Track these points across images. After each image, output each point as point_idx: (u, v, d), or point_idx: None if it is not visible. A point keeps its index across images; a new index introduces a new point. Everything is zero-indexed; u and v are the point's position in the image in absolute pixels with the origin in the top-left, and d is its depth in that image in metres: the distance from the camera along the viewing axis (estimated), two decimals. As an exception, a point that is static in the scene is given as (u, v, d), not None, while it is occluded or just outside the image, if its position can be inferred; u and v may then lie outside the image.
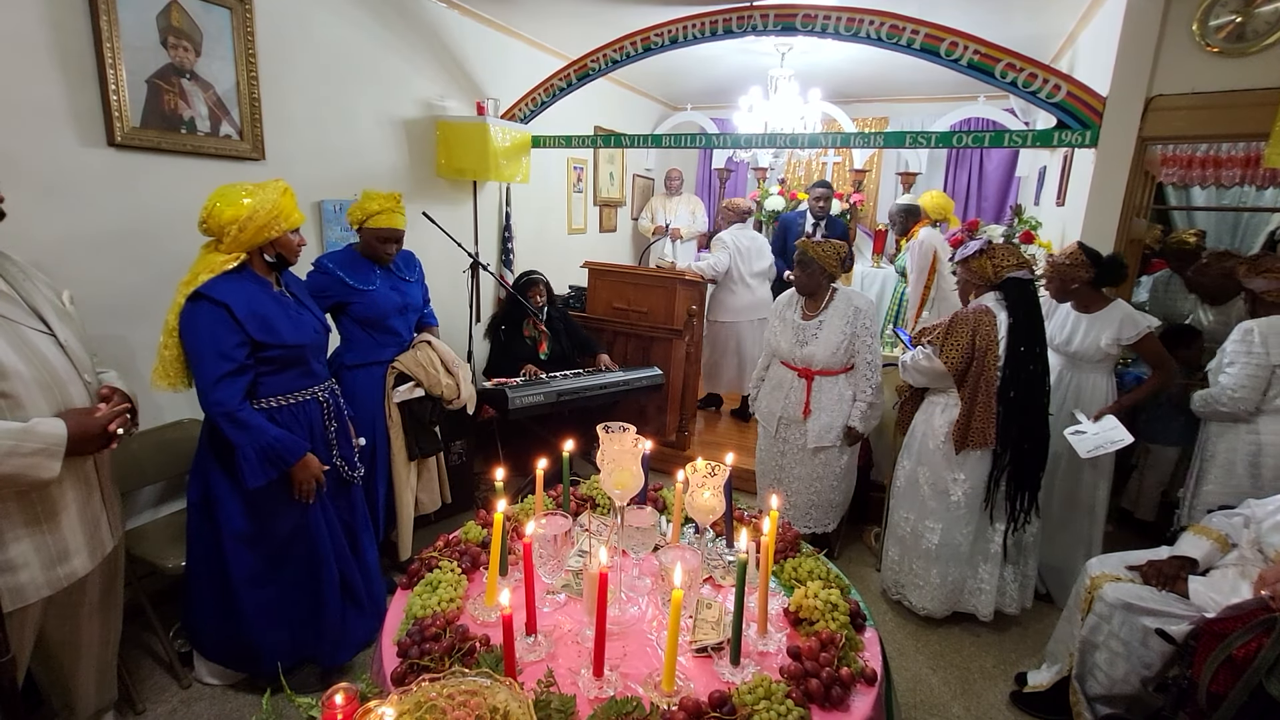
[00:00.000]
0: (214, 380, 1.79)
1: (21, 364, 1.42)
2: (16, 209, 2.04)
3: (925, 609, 2.64)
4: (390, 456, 2.60)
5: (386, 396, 2.56)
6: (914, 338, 2.66)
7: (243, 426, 1.83)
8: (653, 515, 1.50)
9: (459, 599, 1.43)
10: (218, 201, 1.82)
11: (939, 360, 2.45)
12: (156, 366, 1.86)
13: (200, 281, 1.79)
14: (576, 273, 4.60)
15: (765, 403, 2.98)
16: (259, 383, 1.91)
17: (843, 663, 1.27)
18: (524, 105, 4.00)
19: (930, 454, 2.55)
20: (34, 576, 1.49)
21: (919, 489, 2.60)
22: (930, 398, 2.62)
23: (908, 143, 3.37)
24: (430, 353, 2.65)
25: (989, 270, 2.44)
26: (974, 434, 2.41)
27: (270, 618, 2.03)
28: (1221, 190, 4.33)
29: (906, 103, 5.96)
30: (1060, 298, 2.71)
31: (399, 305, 2.60)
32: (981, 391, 2.40)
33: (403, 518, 2.66)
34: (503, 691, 0.96)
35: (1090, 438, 2.49)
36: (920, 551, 2.60)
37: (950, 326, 2.45)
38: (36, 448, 1.39)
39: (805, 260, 2.76)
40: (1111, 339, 2.56)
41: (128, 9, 2.25)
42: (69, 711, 1.83)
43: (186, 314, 1.80)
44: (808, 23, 3.09)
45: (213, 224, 1.82)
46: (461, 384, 2.70)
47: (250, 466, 1.84)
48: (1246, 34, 2.59)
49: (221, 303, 1.79)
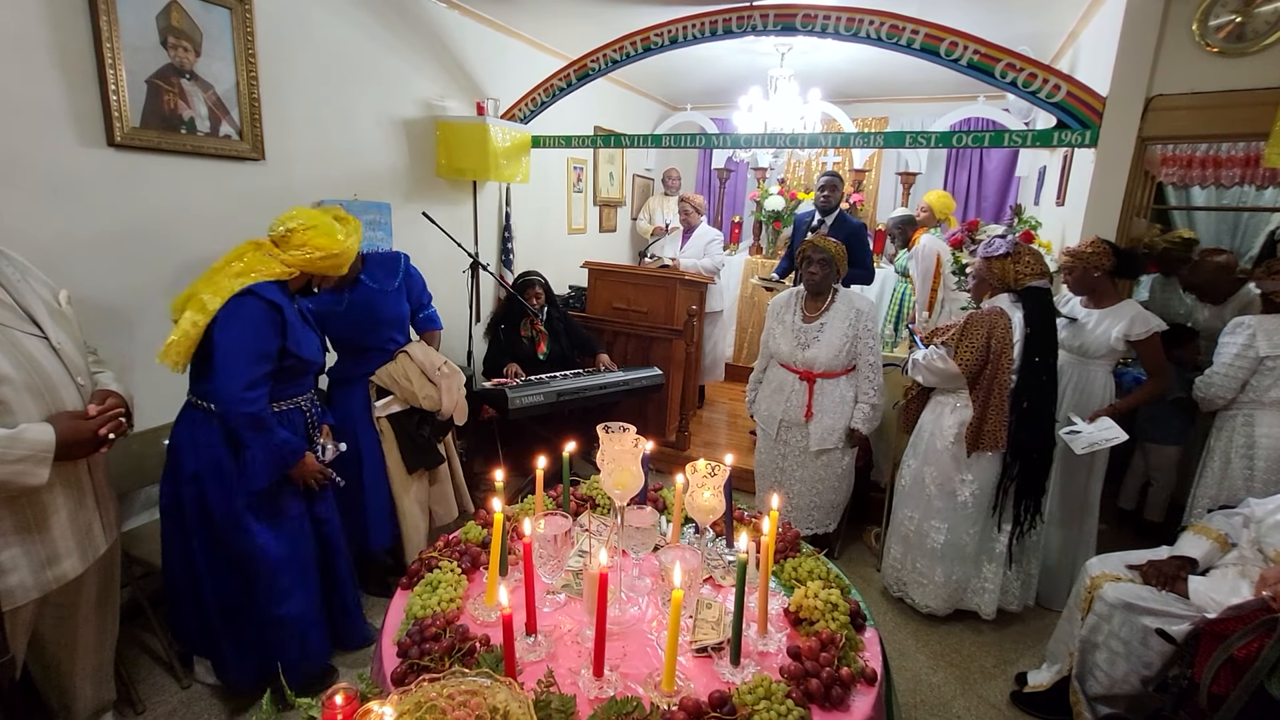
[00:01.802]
0: (247, 382, 1.80)
1: (11, 368, 1.41)
2: (16, 209, 2.06)
3: (928, 607, 2.64)
4: (388, 470, 2.55)
5: (371, 410, 2.53)
6: (926, 338, 2.63)
7: (263, 429, 1.84)
8: (653, 515, 1.50)
9: (459, 599, 1.43)
10: (313, 226, 1.91)
11: (953, 362, 2.42)
12: (174, 340, 1.80)
13: (254, 278, 1.83)
14: (576, 273, 4.61)
15: (765, 405, 2.95)
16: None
17: (843, 662, 1.27)
18: (524, 105, 4.00)
19: (938, 454, 2.54)
20: (23, 580, 1.48)
21: (925, 488, 2.60)
22: (938, 398, 2.61)
23: (907, 143, 3.37)
24: (407, 363, 2.52)
25: (1011, 275, 2.42)
26: (986, 436, 2.41)
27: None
28: (1221, 190, 4.33)
29: (906, 103, 5.96)
30: (1079, 289, 2.70)
31: (370, 321, 2.48)
32: (995, 394, 2.38)
33: (406, 529, 2.62)
34: (503, 691, 0.96)
35: (1084, 435, 2.49)
36: (925, 550, 2.60)
37: (965, 328, 2.42)
38: (23, 454, 1.38)
39: (825, 257, 2.69)
40: (1121, 334, 2.57)
41: (128, 9, 2.25)
42: (67, 712, 1.83)
43: (235, 306, 1.79)
44: (807, 23, 3.09)
45: (294, 239, 1.90)
46: (444, 394, 2.55)
47: (259, 467, 1.86)
48: (1246, 34, 2.59)
49: (278, 306, 1.83)
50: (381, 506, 2.57)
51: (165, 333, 1.86)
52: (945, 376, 2.50)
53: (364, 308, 2.47)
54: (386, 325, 2.55)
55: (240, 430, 1.83)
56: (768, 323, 2.97)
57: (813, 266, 2.72)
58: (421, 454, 2.62)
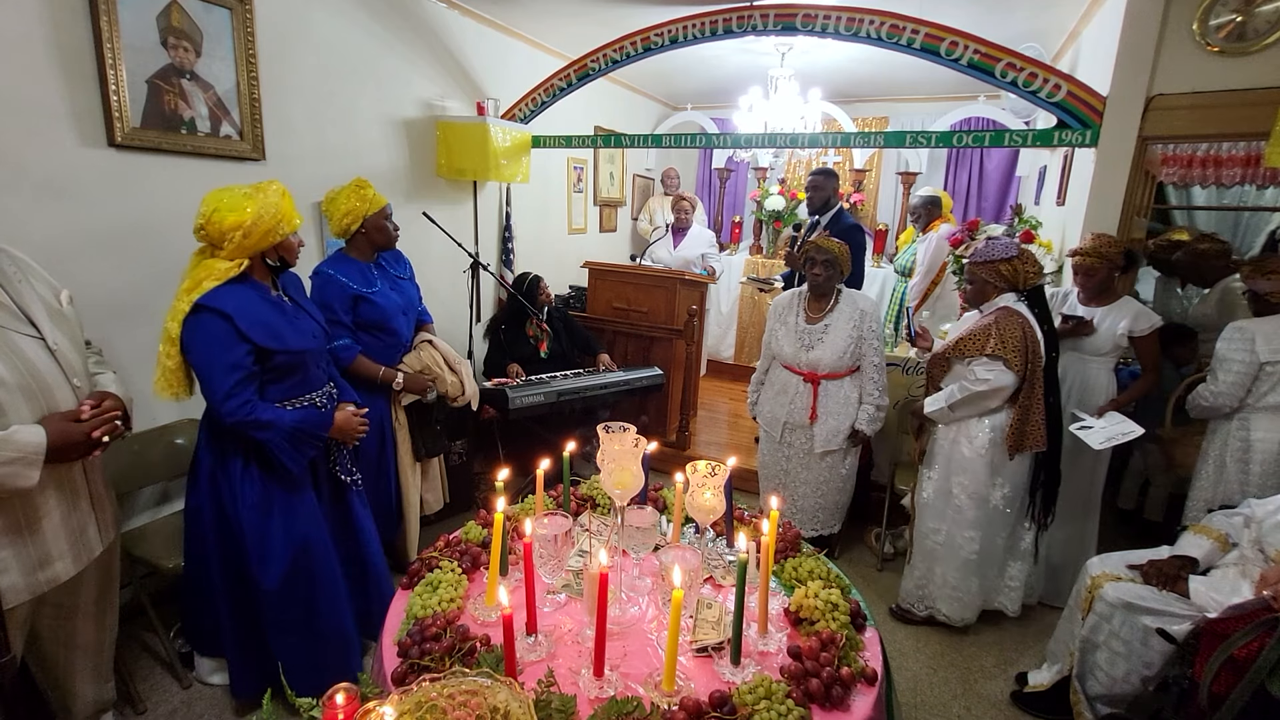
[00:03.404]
0: (226, 392, 1.76)
1: (5, 370, 1.41)
2: (17, 209, 2.06)
3: (963, 619, 2.56)
4: (398, 459, 2.60)
5: (393, 400, 2.56)
6: (948, 350, 2.46)
7: (264, 425, 1.82)
8: (653, 515, 1.50)
9: (459, 599, 1.43)
10: (217, 207, 1.75)
11: (1011, 371, 2.29)
12: (158, 378, 1.81)
13: (204, 289, 1.74)
14: (577, 272, 4.61)
15: (768, 408, 2.93)
16: (262, 390, 1.89)
17: (843, 662, 1.27)
18: (524, 105, 4.00)
19: (968, 462, 2.43)
20: (14, 581, 1.48)
21: (952, 499, 2.49)
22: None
23: (908, 142, 3.37)
24: (433, 352, 2.66)
25: (1021, 276, 2.37)
26: (1029, 437, 2.34)
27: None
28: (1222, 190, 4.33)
29: (907, 102, 5.96)
30: (1098, 289, 2.69)
31: (401, 305, 2.58)
32: (1035, 393, 2.32)
33: (410, 519, 2.66)
34: (503, 691, 0.96)
35: (1099, 431, 2.48)
36: (957, 562, 2.50)
37: (1001, 333, 2.30)
38: (13, 456, 1.37)
39: (828, 258, 2.65)
40: (1125, 329, 2.60)
41: (128, 9, 2.25)
42: (67, 711, 1.83)
43: (189, 327, 1.75)
44: (808, 22, 3.09)
45: (212, 230, 1.75)
46: (465, 380, 2.70)
47: (287, 454, 1.86)
48: (1247, 33, 2.59)
49: (225, 314, 1.74)
50: (393, 498, 2.61)
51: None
52: (999, 394, 2.34)
53: (394, 290, 2.58)
54: (411, 310, 2.66)
55: (248, 434, 1.82)
56: (769, 324, 2.94)
57: (816, 268, 2.69)
58: (432, 441, 2.70)
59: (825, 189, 3.78)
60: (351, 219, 2.40)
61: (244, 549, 1.90)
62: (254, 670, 2.02)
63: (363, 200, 2.40)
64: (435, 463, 2.84)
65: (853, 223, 3.80)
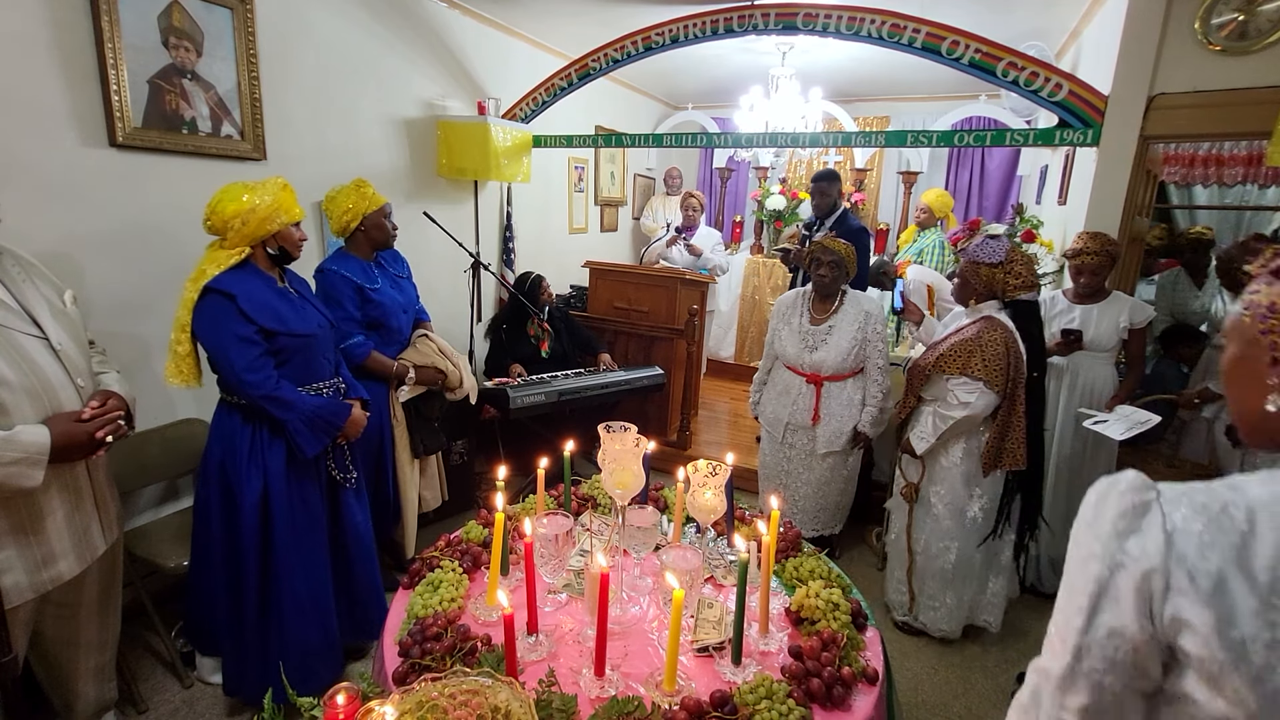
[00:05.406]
0: (245, 366, 1.82)
1: (9, 370, 1.41)
2: (18, 209, 2.06)
3: (941, 630, 2.53)
4: (396, 455, 2.60)
5: (391, 397, 2.56)
6: (928, 364, 2.40)
7: (285, 404, 1.88)
8: (654, 515, 1.50)
9: (460, 598, 1.43)
10: (220, 198, 1.86)
11: (992, 391, 2.23)
12: (169, 363, 1.87)
13: (209, 276, 1.82)
14: (578, 272, 4.61)
15: (770, 408, 2.92)
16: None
17: (844, 662, 1.27)
18: (525, 105, 4.00)
19: (945, 471, 2.41)
20: (17, 580, 1.48)
21: (930, 508, 2.47)
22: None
23: (909, 142, 3.36)
24: (430, 344, 2.69)
25: (999, 284, 2.28)
26: (1006, 455, 2.28)
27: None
28: (1224, 189, 4.33)
29: (908, 101, 5.95)
30: (1098, 286, 2.69)
31: (401, 303, 2.61)
32: (1015, 411, 2.25)
33: (408, 516, 2.66)
34: (504, 691, 0.96)
35: (1118, 423, 2.41)
36: (934, 571, 2.48)
37: (982, 350, 2.22)
38: (17, 456, 1.38)
39: (835, 259, 2.63)
40: (1125, 323, 2.63)
41: (129, 9, 2.25)
42: (69, 711, 1.83)
43: (198, 311, 1.82)
44: (809, 22, 3.09)
45: (216, 220, 1.85)
46: (464, 373, 2.72)
47: (304, 438, 1.91)
48: (1249, 32, 2.58)
49: (229, 294, 1.82)
50: (392, 494, 2.62)
51: (167, 332, 1.87)
52: (984, 414, 2.28)
53: (394, 288, 2.61)
54: (411, 308, 2.70)
55: (269, 411, 1.86)
56: (772, 324, 2.93)
57: (822, 269, 2.67)
58: (431, 437, 2.71)
59: (830, 194, 3.70)
60: (351, 217, 2.43)
61: (241, 524, 1.91)
62: (249, 669, 2.02)
63: (362, 198, 2.44)
64: (434, 460, 2.84)
65: (858, 225, 3.73)
